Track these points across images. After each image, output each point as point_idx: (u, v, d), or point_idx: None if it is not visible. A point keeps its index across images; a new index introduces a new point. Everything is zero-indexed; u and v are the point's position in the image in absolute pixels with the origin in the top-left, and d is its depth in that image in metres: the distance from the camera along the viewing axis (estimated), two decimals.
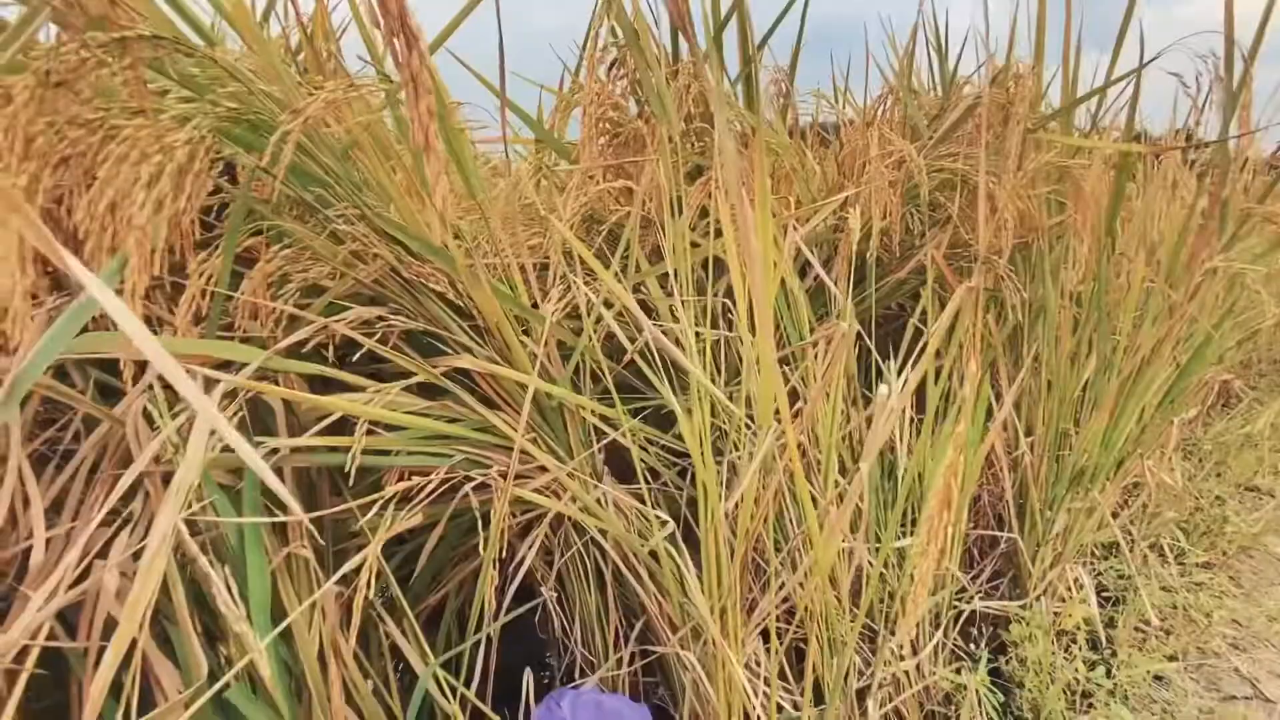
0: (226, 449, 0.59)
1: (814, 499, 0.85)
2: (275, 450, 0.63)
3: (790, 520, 0.90)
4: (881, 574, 0.97)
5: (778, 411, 0.71)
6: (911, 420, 0.99)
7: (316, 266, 0.66)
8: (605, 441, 0.82)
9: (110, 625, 0.50)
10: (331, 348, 0.67)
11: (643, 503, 0.95)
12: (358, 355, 0.69)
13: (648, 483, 0.96)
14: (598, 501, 0.85)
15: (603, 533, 0.82)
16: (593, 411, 0.81)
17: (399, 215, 0.65)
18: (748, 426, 0.75)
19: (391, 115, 0.73)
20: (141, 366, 0.57)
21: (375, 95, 0.62)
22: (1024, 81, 1.15)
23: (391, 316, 0.66)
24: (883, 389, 0.62)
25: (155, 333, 0.70)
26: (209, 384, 0.52)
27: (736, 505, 0.70)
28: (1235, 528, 1.42)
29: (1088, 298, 1.00)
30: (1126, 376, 0.97)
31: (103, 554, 0.55)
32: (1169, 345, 0.95)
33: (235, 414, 0.55)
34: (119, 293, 0.45)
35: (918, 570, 0.51)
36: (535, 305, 0.83)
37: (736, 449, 0.77)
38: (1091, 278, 0.88)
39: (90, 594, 0.48)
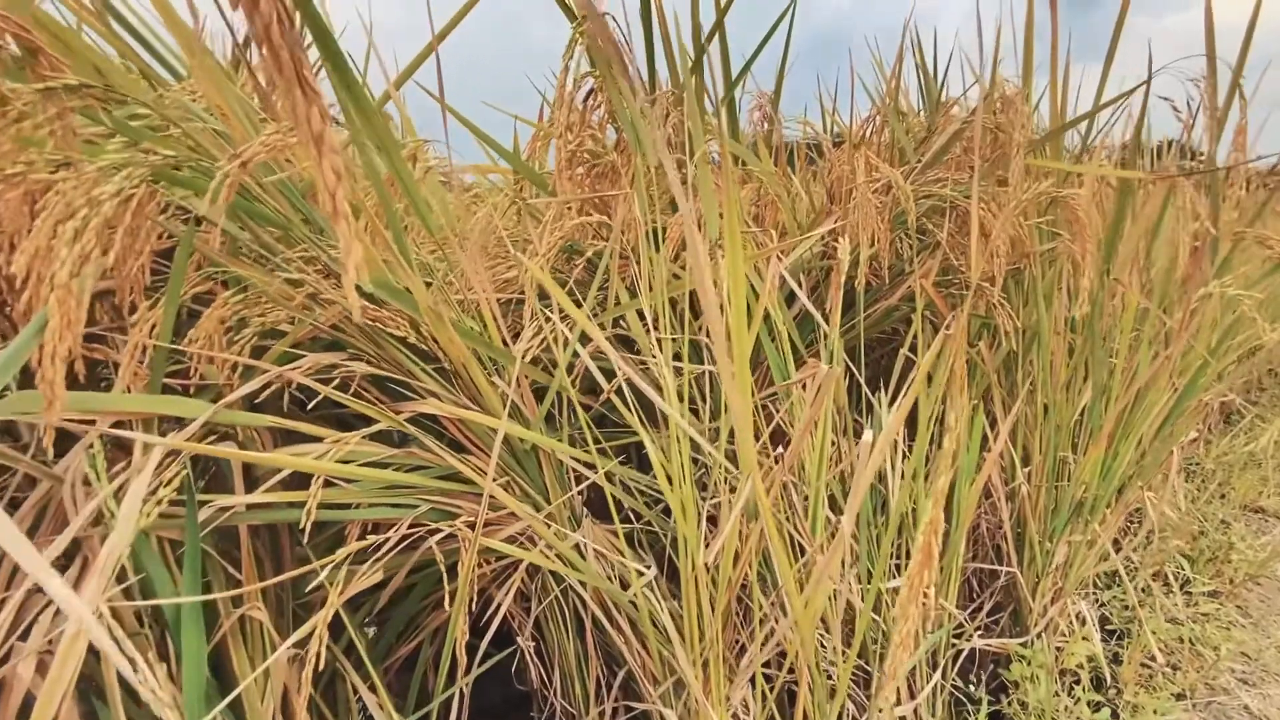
0: (173, 507, 0.55)
1: (800, 546, 0.82)
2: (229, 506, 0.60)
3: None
4: (874, 615, 0.94)
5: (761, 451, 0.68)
6: (904, 454, 0.95)
7: (274, 310, 0.63)
8: (585, 485, 0.79)
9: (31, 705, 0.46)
10: (287, 395, 0.64)
11: (626, 541, 0.91)
12: (322, 397, 0.66)
13: (629, 522, 0.92)
14: (576, 546, 0.81)
15: (581, 581, 0.78)
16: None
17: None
18: (729, 472, 0.72)
19: (357, 154, 0.71)
20: (88, 423, 0.54)
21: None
22: (1012, 104, 1.13)
23: (350, 363, 0.62)
24: (866, 435, 0.59)
25: (108, 380, 0.67)
26: (147, 447, 0.48)
27: (717, 556, 0.66)
28: (1242, 555, 1.38)
29: (1083, 324, 0.97)
30: (1124, 407, 0.94)
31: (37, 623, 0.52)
32: (1166, 374, 0.92)
33: (178, 473, 0.52)
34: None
35: (900, 632, 0.48)
36: (509, 341, 0.80)
37: (717, 493, 0.74)
38: (1087, 304, 0.85)
39: (7, 678, 0.45)
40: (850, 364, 1.06)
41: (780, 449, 0.92)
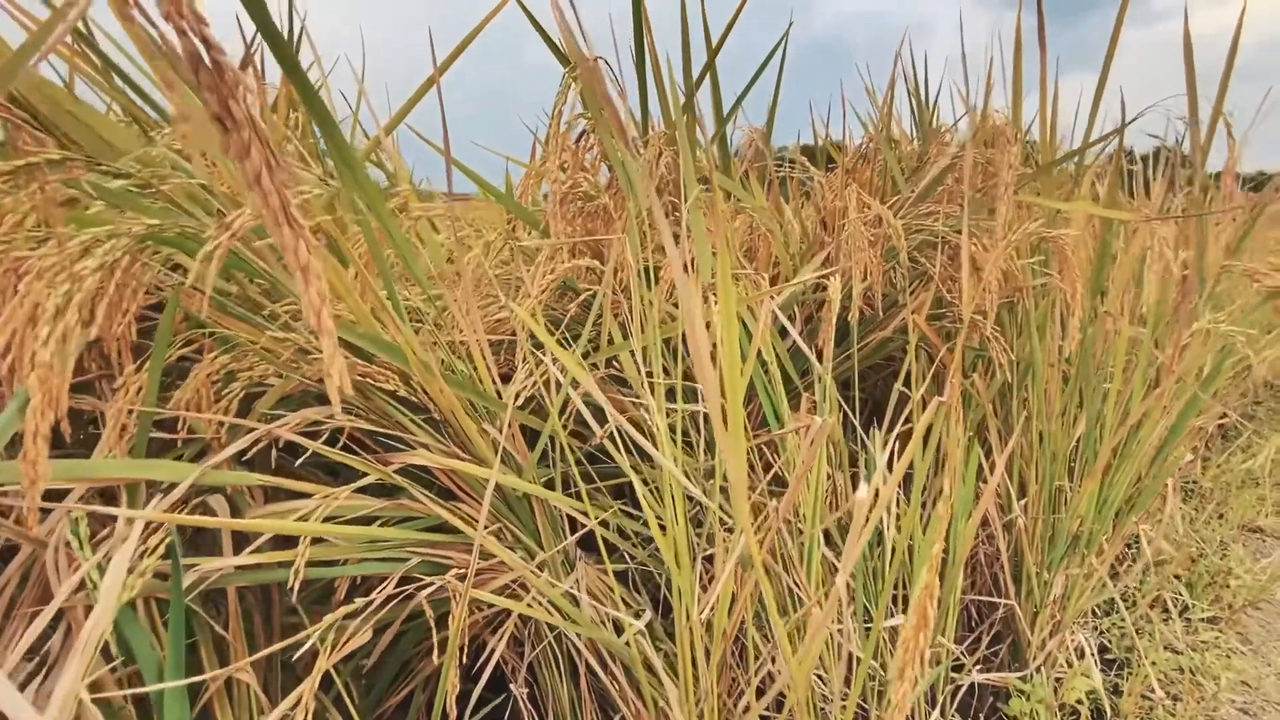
0: (159, 574, 0.55)
1: (799, 598, 0.81)
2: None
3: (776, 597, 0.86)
4: (873, 661, 0.93)
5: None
6: (900, 496, 0.95)
7: (262, 364, 0.62)
8: (582, 533, 0.78)
9: None
10: (275, 449, 0.64)
11: (621, 578, 0.91)
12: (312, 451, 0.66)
13: (624, 561, 0.92)
14: (571, 590, 0.81)
15: (575, 623, 0.77)
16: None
17: (349, 310, 0.62)
18: (725, 515, 0.71)
19: (347, 208, 0.71)
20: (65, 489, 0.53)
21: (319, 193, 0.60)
22: (1002, 133, 1.13)
23: (339, 416, 0.62)
24: (861, 490, 0.58)
25: (97, 432, 0.66)
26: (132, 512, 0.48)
27: (713, 607, 0.65)
28: (1241, 581, 1.38)
29: (1075, 357, 0.97)
30: (1118, 441, 0.94)
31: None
32: (1159, 410, 0.92)
33: (164, 539, 0.51)
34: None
35: (897, 694, 0.47)
36: (504, 378, 0.80)
37: (712, 529, 0.73)
38: (1078, 339, 0.85)
39: None
40: (845, 397, 1.06)
41: (771, 478, 0.92)
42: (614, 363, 0.90)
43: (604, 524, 0.83)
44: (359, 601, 0.57)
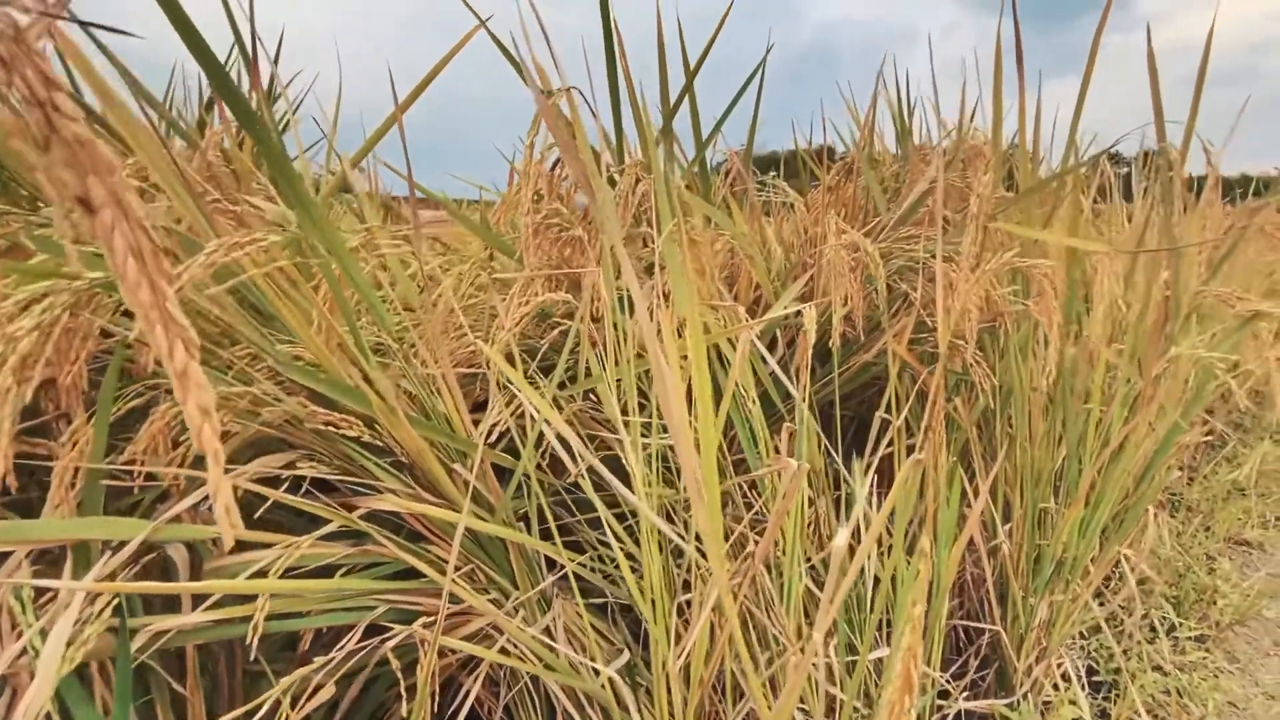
0: (110, 629, 0.53)
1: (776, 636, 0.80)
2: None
3: (756, 637, 0.84)
4: (859, 691, 0.91)
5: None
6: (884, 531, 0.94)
7: (222, 410, 0.60)
8: (558, 575, 0.77)
9: None
10: (239, 495, 0.62)
11: (600, 612, 0.89)
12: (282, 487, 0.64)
13: (602, 596, 0.90)
14: (548, 628, 0.79)
15: (549, 667, 0.76)
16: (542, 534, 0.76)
17: (312, 353, 0.60)
18: (699, 567, 0.70)
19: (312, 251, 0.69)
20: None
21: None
22: (981, 154, 1.13)
23: (301, 464, 0.60)
24: (840, 538, 0.57)
25: (43, 484, 0.64)
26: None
27: (688, 656, 0.64)
28: (1227, 599, 1.37)
29: (1054, 388, 0.97)
30: (1099, 467, 0.93)
31: None
32: (1140, 435, 0.92)
33: (110, 601, 0.49)
34: None
35: None
36: (480, 406, 0.78)
37: (688, 588, 0.72)
38: (1055, 371, 0.84)
39: None
40: (831, 416, 1.05)
41: (754, 514, 0.90)
42: (592, 394, 0.89)
43: (584, 554, 0.81)
44: (318, 661, 0.55)
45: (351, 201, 1.31)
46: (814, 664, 0.77)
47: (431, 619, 0.66)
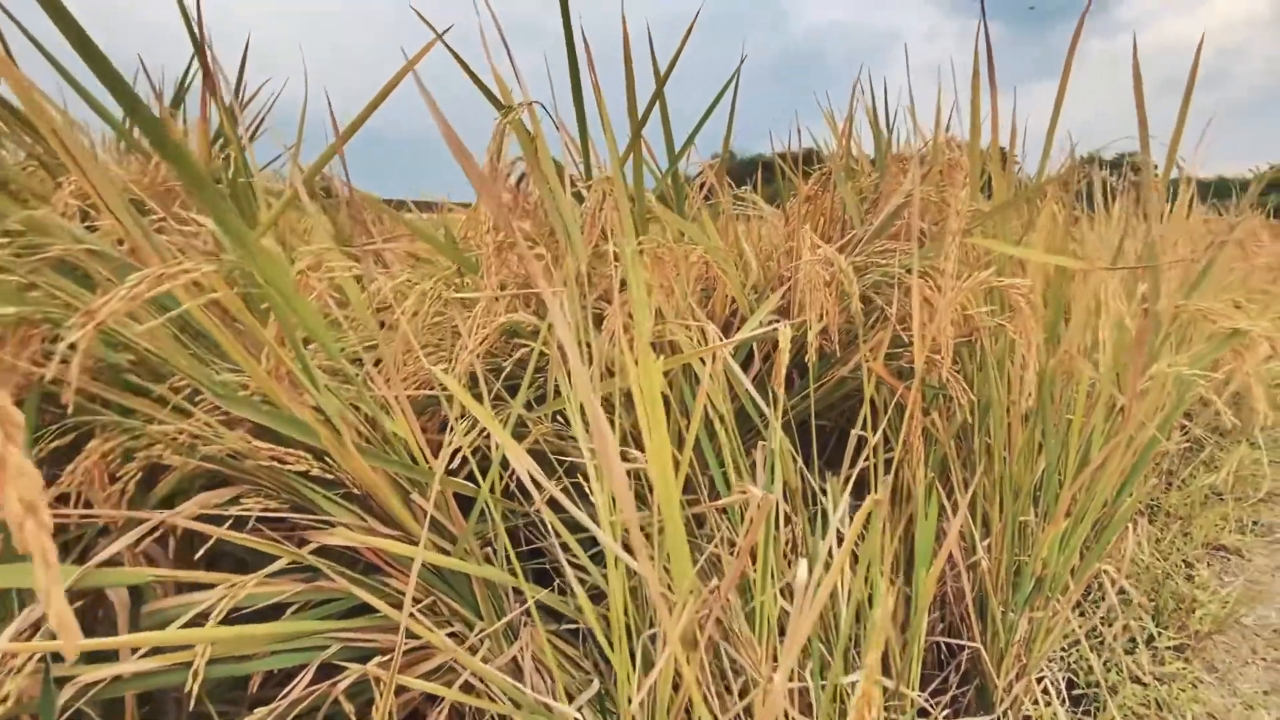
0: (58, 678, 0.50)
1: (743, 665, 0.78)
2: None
3: (729, 663, 0.82)
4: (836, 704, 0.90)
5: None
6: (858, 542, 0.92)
7: (160, 444, 0.58)
8: (523, 609, 0.74)
9: None
10: (176, 535, 0.59)
11: (571, 638, 0.87)
12: (226, 525, 0.61)
13: (572, 622, 0.88)
14: (514, 659, 0.76)
15: (516, 704, 0.73)
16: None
17: (257, 383, 0.58)
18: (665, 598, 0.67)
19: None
20: None
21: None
22: (959, 166, 1.12)
23: (245, 500, 0.57)
24: (801, 570, 0.55)
25: None
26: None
27: (653, 691, 0.62)
28: (1205, 609, 1.37)
29: (1032, 410, 0.96)
30: (1079, 486, 0.92)
31: None
32: (1118, 455, 0.91)
33: (29, 657, 0.46)
34: None
35: None
36: (443, 427, 0.75)
37: (653, 624, 0.69)
38: (1034, 391, 0.83)
39: None
40: (807, 428, 1.03)
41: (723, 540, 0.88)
42: (560, 416, 0.86)
43: (559, 577, 0.78)
44: (259, 713, 0.52)
45: (327, 208, 1.28)
46: (785, 694, 0.75)
47: (388, 657, 0.63)
